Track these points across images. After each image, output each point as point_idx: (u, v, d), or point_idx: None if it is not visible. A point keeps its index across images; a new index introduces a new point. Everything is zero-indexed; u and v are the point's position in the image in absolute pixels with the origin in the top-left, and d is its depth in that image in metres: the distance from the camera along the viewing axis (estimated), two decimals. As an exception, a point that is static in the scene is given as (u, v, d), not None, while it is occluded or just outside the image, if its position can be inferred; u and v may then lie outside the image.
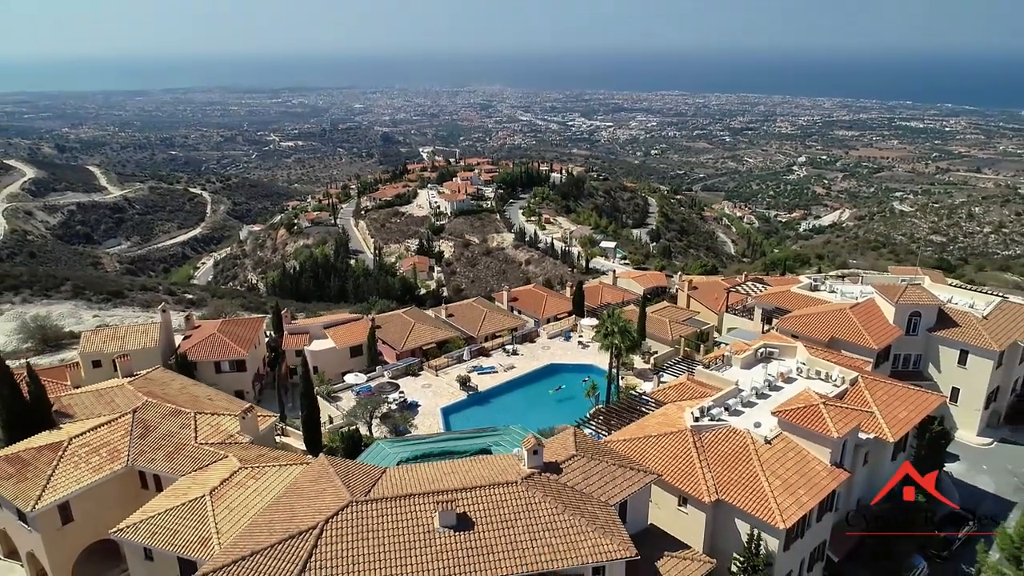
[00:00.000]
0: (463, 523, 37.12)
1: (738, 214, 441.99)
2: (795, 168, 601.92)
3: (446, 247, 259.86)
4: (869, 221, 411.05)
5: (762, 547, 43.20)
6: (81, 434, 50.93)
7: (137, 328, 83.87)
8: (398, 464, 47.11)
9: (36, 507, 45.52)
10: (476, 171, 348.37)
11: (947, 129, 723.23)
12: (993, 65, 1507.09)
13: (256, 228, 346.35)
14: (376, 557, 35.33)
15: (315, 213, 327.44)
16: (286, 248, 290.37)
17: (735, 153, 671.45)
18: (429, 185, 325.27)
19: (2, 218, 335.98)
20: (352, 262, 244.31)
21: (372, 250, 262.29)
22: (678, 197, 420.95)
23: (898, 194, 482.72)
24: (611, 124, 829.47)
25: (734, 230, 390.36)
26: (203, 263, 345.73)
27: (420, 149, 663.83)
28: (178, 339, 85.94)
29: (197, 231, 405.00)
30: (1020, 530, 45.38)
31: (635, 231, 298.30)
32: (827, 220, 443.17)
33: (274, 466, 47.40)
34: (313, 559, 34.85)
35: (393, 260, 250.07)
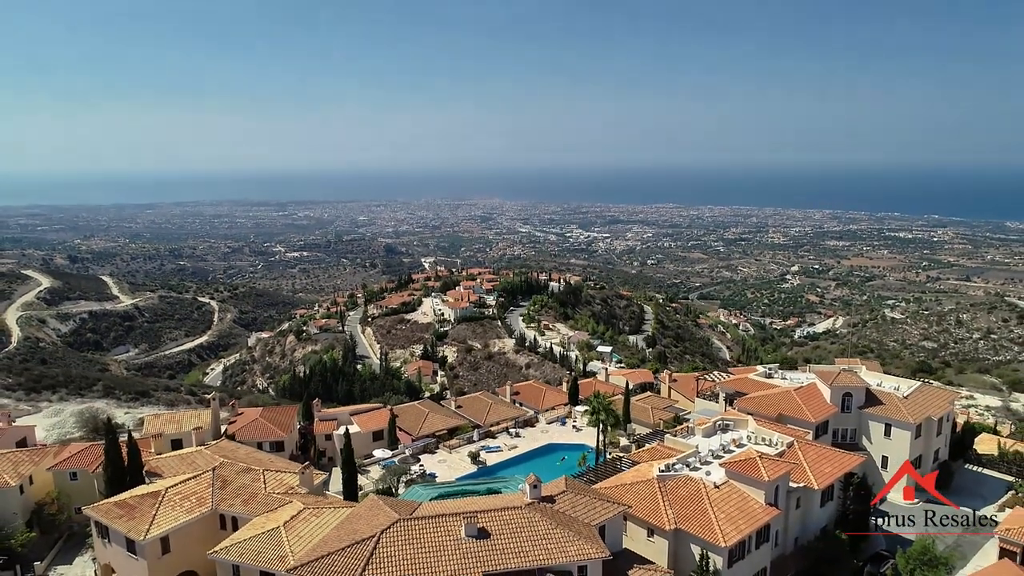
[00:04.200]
0: (482, 533, 50.50)
1: (733, 321, 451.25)
2: (788, 277, 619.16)
3: (449, 352, 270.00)
4: (862, 328, 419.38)
5: (711, 565, 55.86)
6: (174, 485, 64.01)
7: (191, 413, 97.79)
8: (430, 500, 60.35)
9: (146, 537, 58.20)
10: (478, 280, 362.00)
11: (935, 239, 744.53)
12: (978, 178, 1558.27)
13: (263, 335, 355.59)
14: (420, 556, 48.65)
15: (323, 320, 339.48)
16: (295, 354, 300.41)
17: (729, 263, 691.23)
18: (433, 294, 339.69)
19: (16, 326, 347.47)
20: (359, 366, 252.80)
21: (378, 355, 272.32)
22: (673, 305, 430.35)
23: (890, 301, 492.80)
24: (608, 235, 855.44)
25: (729, 336, 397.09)
26: (212, 369, 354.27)
27: (422, 259, 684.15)
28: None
29: (204, 338, 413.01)
30: (912, 552, 58.54)
31: (631, 337, 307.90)
32: (821, 327, 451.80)
33: (330, 507, 60.22)
34: (374, 557, 48.07)
35: (399, 364, 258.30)
